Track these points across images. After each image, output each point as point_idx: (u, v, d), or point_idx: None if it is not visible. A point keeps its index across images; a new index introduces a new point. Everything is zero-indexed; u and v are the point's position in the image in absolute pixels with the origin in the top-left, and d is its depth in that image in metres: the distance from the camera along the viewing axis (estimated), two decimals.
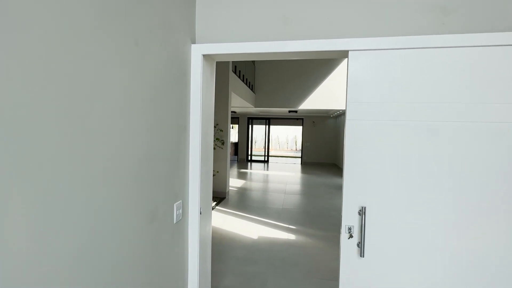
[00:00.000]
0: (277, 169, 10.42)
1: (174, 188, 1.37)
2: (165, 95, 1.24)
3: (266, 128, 12.70)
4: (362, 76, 1.37)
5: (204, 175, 1.64)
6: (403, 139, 1.32)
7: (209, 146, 1.75)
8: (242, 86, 6.88)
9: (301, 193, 6.21)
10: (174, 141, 1.35)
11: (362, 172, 1.38)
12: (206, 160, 1.68)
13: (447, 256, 1.30)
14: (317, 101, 8.51)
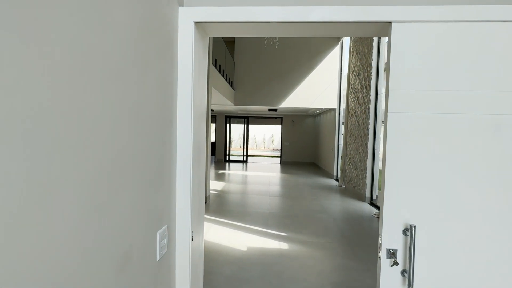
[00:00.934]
0: (257, 169, 10.10)
1: (156, 209, 0.95)
2: (141, 72, 0.81)
3: (244, 127, 12.32)
4: (409, 56, 1.05)
5: (196, 187, 1.23)
6: (464, 137, 1.03)
7: (201, 148, 1.34)
8: (222, 81, 6.43)
9: (286, 194, 5.94)
10: (155, 141, 0.93)
11: (410, 181, 1.06)
12: (198, 167, 1.27)
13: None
14: (298, 100, 8.34)
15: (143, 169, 0.84)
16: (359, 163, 5.79)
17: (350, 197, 5.78)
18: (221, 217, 4.17)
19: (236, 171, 9.39)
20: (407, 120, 1.05)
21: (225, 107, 9.89)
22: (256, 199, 5.40)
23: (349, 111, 6.56)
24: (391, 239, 1.10)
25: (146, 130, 0.86)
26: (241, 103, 8.42)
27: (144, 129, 0.85)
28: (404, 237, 1.08)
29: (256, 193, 5.94)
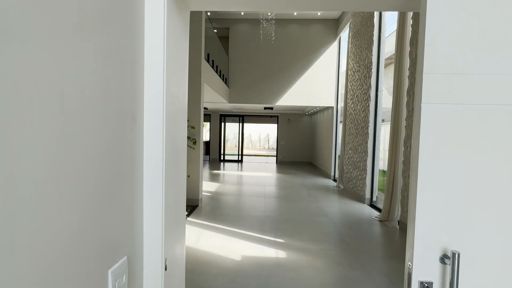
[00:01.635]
0: (253, 169, 9.84)
1: (108, 237, 0.68)
2: (86, 40, 0.54)
3: (239, 126, 12.04)
4: (451, 27, 0.80)
5: (172, 198, 0.96)
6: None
7: (180, 150, 1.07)
8: (216, 78, 6.14)
9: (282, 196, 5.69)
10: (104, 141, 0.65)
11: (452, 193, 0.82)
12: (175, 172, 1.00)
13: None
14: (295, 98, 8.10)
15: (81, 180, 0.57)
16: (358, 163, 5.58)
17: (349, 198, 5.57)
18: (214, 222, 3.90)
19: (231, 171, 9.11)
20: (449, 113, 0.80)
21: (219, 105, 9.60)
22: (252, 202, 5.14)
23: (348, 109, 6.34)
24: (424, 269, 0.85)
25: (95, 126, 0.59)
26: (236, 101, 8.14)
27: (93, 126, 0.58)
28: (441, 266, 0.83)
29: (251, 195, 5.68)
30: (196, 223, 3.84)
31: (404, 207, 3.74)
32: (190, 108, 4.65)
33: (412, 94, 3.62)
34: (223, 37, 8.14)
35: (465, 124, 0.80)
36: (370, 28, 5.21)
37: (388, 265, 2.77)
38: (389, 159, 4.12)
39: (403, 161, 3.82)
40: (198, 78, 4.62)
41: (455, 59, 0.80)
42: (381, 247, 3.29)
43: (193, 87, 4.63)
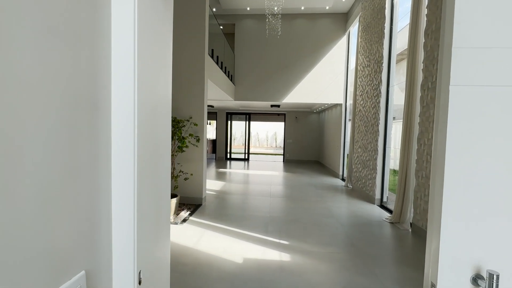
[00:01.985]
0: (259, 167, 9.70)
1: (58, 249, 0.55)
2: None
3: (246, 124, 11.91)
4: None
5: (148, 200, 0.83)
6: None
7: (162, 145, 0.93)
8: (221, 74, 6.02)
9: (288, 196, 5.53)
10: (54, 134, 0.52)
11: (488, 196, 0.65)
12: (154, 173, 0.87)
13: None
14: (302, 95, 7.89)
15: (14, 179, 0.44)
16: (368, 162, 5.35)
17: (358, 199, 5.35)
18: (217, 222, 3.78)
19: (237, 170, 9.00)
20: (485, 97, 0.64)
21: (225, 103, 9.50)
22: (257, 201, 5.00)
23: (357, 106, 6.10)
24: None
25: (44, 118, 0.47)
26: (241, 98, 8.01)
27: (39, 118, 0.45)
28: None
29: (256, 194, 5.54)
30: (198, 223, 3.73)
31: (417, 209, 3.53)
32: (193, 105, 4.55)
33: (426, 89, 3.40)
34: (228, 34, 8.02)
35: (507, 110, 0.63)
36: (381, 20, 4.96)
37: (400, 272, 2.58)
38: (401, 158, 3.89)
39: (416, 159, 3.59)
40: (201, 74, 4.51)
41: (495, 29, 0.63)
42: (393, 251, 3.09)
43: (196, 83, 4.52)
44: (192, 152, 4.59)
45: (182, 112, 4.58)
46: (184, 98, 4.57)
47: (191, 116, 4.56)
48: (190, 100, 4.55)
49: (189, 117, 4.54)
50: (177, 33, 4.53)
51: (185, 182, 4.58)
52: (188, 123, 4.46)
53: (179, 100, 4.58)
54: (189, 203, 4.63)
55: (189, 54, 4.52)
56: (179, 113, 4.58)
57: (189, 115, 4.56)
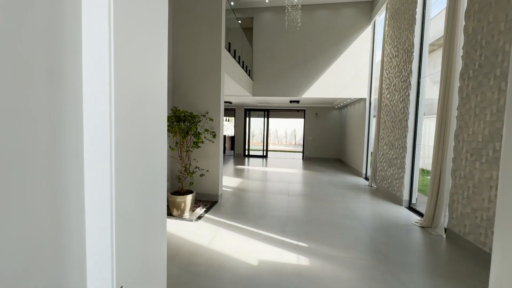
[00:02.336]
0: (277, 165, 9.49)
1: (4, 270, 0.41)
2: None
3: (264, 120, 11.73)
4: None
5: (134, 202, 0.68)
6: None
7: (155, 141, 0.78)
8: (238, 68, 5.87)
9: (307, 194, 5.29)
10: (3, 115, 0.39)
11: None
12: (143, 171, 0.72)
13: None
14: (323, 90, 7.54)
15: None
16: (395, 160, 4.96)
17: (383, 199, 4.99)
18: (232, 220, 3.66)
19: (255, 167, 8.86)
20: None
21: (244, 99, 9.37)
22: (274, 199, 4.82)
23: (383, 100, 5.68)
24: None
25: None
26: (260, 94, 7.83)
27: None
28: None
29: (274, 192, 5.36)
30: (213, 220, 3.63)
31: (454, 213, 3.16)
32: (209, 99, 4.44)
33: (467, 78, 3.00)
34: (246, 29, 7.85)
35: None
36: (412, 5, 4.53)
37: (434, 284, 2.29)
38: (434, 156, 3.51)
39: (453, 158, 3.21)
40: (217, 67, 4.39)
41: None
42: (424, 259, 2.78)
43: (212, 77, 4.41)
44: (208, 148, 4.50)
45: (198, 107, 4.50)
46: (200, 92, 4.48)
47: (207, 111, 4.46)
48: (206, 94, 4.45)
49: (205, 112, 4.45)
50: (192, 26, 4.44)
51: (201, 179, 4.51)
52: (204, 118, 4.37)
53: (195, 94, 4.50)
54: (205, 200, 4.56)
55: (205, 47, 4.41)
56: (195, 108, 4.50)
57: (205, 110, 4.46)
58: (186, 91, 4.54)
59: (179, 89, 4.57)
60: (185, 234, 3.17)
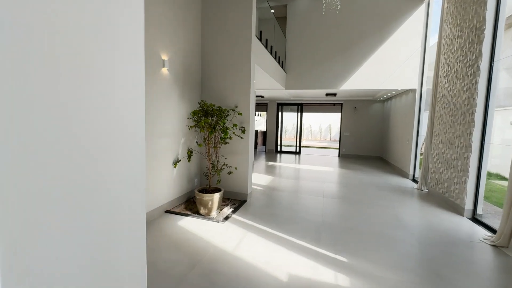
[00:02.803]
0: (311, 162, 8.96)
1: None
2: None
3: (298, 115, 11.19)
4: None
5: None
6: None
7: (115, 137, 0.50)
8: (270, 59, 5.50)
9: (345, 196, 4.77)
10: None
11: None
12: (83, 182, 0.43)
13: None
14: (364, 81, 6.80)
15: None
16: (454, 161, 4.19)
17: (437, 206, 4.27)
18: (261, 223, 3.37)
19: (288, 164, 8.46)
20: None
21: (276, 93, 8.97)
22: (307, 201, 4.42)
23: (439, 90, 4.85)
24: None
25: None
26: (293, 87, 7.36)
27: None
28: None
29: (307, 192, 4.95)
30: (241, 223, 3.38)
31: None
32: (239, 92, 4.18)
33: None
34: (280, 18, 7.40)
35: None
36: None
37: None
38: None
39: None
40: (247, 58, 4.08)
41: None
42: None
43: (242, 68, 4.12)
44: (237, 144, 4.26)
45: (227, 100, 4.26)
46: (229, 85, 4.23)
47: (237, 105, 4.20)
48: (236, 87, 4.18)
49: (234, 106, 4.20)
50: (221, 15, 4.18)
51: (230, 176, 4.30)
52: (233, 113, 4.12)
53: (224, 87, 4.27)
54: (233, 199, 4.35)
55: (234, 36, 4.13)
56: (224, 102, 4.27)
57: (234, 104, 4.21)
58: (215, 84, 4.34)
59: (207, 82, 4.38)
60: (210, 236, 2.97)
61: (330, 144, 18.10)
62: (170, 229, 3.11)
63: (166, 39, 3.46)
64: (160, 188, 3.53)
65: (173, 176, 3.80)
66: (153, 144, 3.33)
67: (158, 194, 3.50)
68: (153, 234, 2.95)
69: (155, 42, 3.27)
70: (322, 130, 22.01)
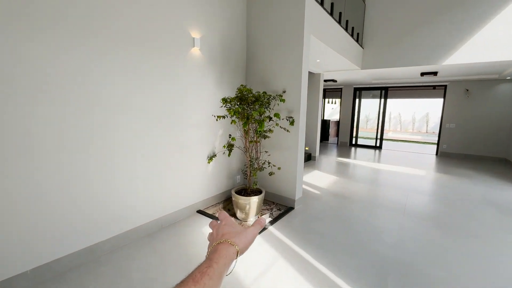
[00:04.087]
0: (395, 160, 7.16)
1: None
2: None
3: (380, 102, 9.21)
4: None
5: None
6: None
7: None
8: (337, 31, 4.32)
9: (439, 218, 3.31)
10: None
11: None
12: None
13: None
14: (484, 50, 4.69)
15: None
16: None
17: None
18: (303, 246, 2.54)
19: (363, 161, 6.98)
20: None
21: (352, 76, 7.44)
22: (379, 218, 3.25)
23: None
24: None
25: None
26: (373, 65, 5.81)
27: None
28: None
29: (381, 205, 3.71)
30: (277, 240, 2.64)
31: None
32: (286, 73, 3.32)
33: None
34: None
35: None
36: None
37: None
38: None
39: None
40: (299, 26, 3.15)
41: None
42: None
43: (290, 40, 3.23)
44: (282, 138, 3.46)
45: (273, 84, 3.48)
46: (275, 65, 3.42)
47: (285, 90, 3.37)
48: (283, 67, 3.34)
49: (283, 91, 3.37)
50: None
51: (275, 176, 3.57)
52: (275, 100, 3.30)
53: (269, 68, 3.49)
54: (279, 203, 3.61)
55: (284, 2, 3.25)
56: (269, 86, 3.50)
57: (282, 89, 3.39)
58: (260, 66, 3.60)
59: (252, 64, 3.68)
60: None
61: (426, 137, 14.66)
62: (189, 236, 2.66)
63: (197, 12, 2.92)
64: (190, 184, 3.14)
65: (207, 172, 3.36)
66: (179, 135, 2.92)
67: (188, 191, 3.12)
68: (166, 242, 2.56)
69: (182, 16, 2.77)
70: (415, 120, 18.17)
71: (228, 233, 0.51)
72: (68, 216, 2.07)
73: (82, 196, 2.13)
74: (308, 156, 6.80)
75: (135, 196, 2.53)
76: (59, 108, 1.94)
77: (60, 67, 1.91)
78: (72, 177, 2.06)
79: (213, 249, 0.48)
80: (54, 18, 1.85)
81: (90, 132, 2.13)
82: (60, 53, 1.90)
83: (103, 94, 2.18)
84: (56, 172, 1.96)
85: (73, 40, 1.96)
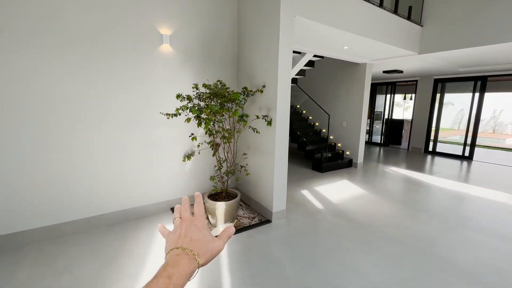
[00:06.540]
0: (491, 179, 5.11)
1: None
2: None
3: (473, 96, 6.83)
4: None
5: None
6: None
7: None
8: (359, 5, 3.41)
9: None
10: None
11: None
12: None
13: None
14: None
15: None
16: None
17: None
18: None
19: (440, 179, 5.20)
20: None
21: (430, 65, 5.74)
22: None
23: None
24: None
25: None
26: (436, 48, 4.29)
27: None
28: None
29: (459, 268, 2.71)
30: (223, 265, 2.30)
31: None
32: (264, 65, 2.86)
33: None
34: None
35: None
36: None
37: None
38: None
39: None
40: (275, 4, 2.63)
41: None
42: None
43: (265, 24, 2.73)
44: (258, 140, 3.01)
45: (255, 78, 3.06)
46: (257, 56, 3.00)
47: (264, 84, 2.91)
48: (266, 58, 2.88)
49: (262, 86, 2.92)
50: None
51: (257, 183, 3.16)
52: (243, 95, 2.85)
53: (253, 61, 3.09)
54: (260, 213, 3.19)
55: None
56: (253, 80, 3.11)
57: (262, 82, 2.94)
58: (246, 59, 3.24)
59: (242, 58, 3.36)
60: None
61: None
62: (151, 230, 2.66)
63: (164, 8, 2.85)
64: (162, 182, 3.15)
65: (184, 172, 3.29)
66: (149, 134, 2.95)
67: (159, 188, 3.14)
68: (123, 236, 2.63)
69: (148, 13, 2.75)
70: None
71: (195, 241, 0.45)
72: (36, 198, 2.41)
73: (44, 182, 2.45)
74: (348, 162, 5.77)
75: (96, 189, 2.72)
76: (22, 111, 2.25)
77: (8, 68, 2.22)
78: (38, 172, 2.38)
79: (174, 260, 0.41)
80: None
81: (59, 133, 2.40)
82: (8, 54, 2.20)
83: (56, 94, 2.40)
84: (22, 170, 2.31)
85: (22, 41, 2.23)
